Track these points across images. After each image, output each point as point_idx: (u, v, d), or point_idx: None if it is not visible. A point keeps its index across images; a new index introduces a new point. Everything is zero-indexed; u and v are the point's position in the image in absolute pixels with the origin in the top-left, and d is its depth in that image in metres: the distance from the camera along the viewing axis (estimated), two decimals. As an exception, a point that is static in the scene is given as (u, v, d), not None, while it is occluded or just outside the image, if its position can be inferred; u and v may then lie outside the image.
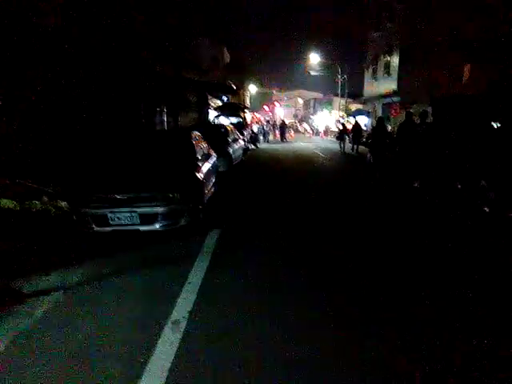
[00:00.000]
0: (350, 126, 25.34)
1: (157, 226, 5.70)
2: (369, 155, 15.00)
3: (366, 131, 25.89)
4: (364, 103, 32.99)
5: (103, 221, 5.65)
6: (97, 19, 10.09)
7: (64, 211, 6.79)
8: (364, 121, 26.68)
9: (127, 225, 5.66)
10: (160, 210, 5.69)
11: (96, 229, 5.72)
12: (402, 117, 16.59)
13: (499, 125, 8.52)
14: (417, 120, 11.66)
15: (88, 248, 5.67)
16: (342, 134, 23.76)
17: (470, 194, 8.06)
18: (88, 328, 3.53)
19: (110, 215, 5.60)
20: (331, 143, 28.04)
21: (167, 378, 2.80)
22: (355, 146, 21.52)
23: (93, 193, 5.84)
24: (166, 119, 16.64)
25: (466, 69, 21.73)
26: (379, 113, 27.08)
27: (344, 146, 22.83)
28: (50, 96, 8.62)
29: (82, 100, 9.24)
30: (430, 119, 11.40)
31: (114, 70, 10.67)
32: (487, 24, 17.29)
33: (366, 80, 33.50)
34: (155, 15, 14.60)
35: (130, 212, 5.61)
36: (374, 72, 30.55)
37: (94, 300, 4.09)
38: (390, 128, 20.18)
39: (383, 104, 27.47)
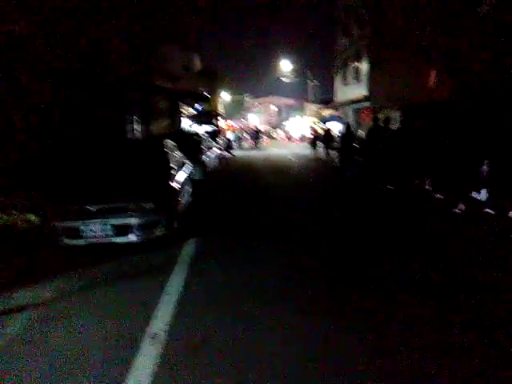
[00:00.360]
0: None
1: (131, 237, 5.57)
2: (337, 159, 15.66)
3: (338, 136, 26.27)
4: (336, 109, 33.49)
5: (75, 233, 5.48)
6: (63, 24, 9.88)
7: (33, 224, 6.55)
8: (338, 126, 27.05)
9: (100, 237, 5.50)
10: (134, 220, 5.56)
11: (67, 241, 5.54)
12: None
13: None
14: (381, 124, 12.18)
15: (60, 262, 5.48)
16: (314, 140, 24.19)
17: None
18: (62, 345, 3.39)
19: (82, 227, 5.45)
20: (305, 149, 28.31)
21: (147, 393, 2.71)
22: (326, 151, 21.90)
23: (63, 204, 5.67)
24: (136, 127, 16.39)
25: (432, 75, 22.39)
26: (350, 118, 27.53)
27: (316, 152, 23.45)
28: (16, 105, 8.35)
29: (49, 108, 8.98)
30: (394, 124, 12.17)
31: (81, 76, 10.44)
32: (451, 32, 17.87)
33: (336, 86, 34.06)
34: (126, 21, 14.42)
35: (103, 223, 5.46)
36: (345, 78, 31.09)
37: (68, 316, 3.94)
38: (360, 133, 20.52)
39: (354, 109, 27.95)
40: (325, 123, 28.52)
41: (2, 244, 5.79)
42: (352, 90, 28.75)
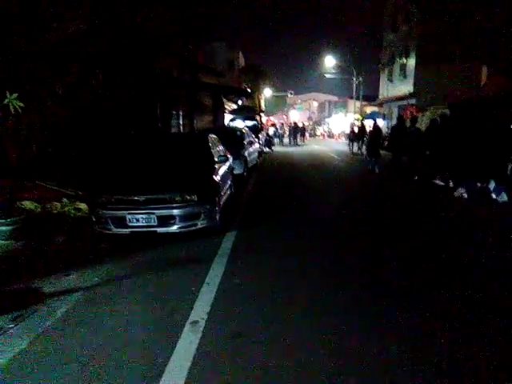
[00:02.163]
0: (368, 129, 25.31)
1: (174, 227, 5.75)
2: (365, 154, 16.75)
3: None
4: (380, 106, 32.75)
5: (122, 222, 5.72)
6: (116, 24, 10.25)
7: (83, 213, 6.89)
8: (380, 123, 26.48)
9: (145, 226, 5.72)
10: (177, 211, 5.74)
11: (114, 230, 5.80)
12: (419, 119, 16.49)
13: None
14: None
15: (107, 249, 5.74)
16: (353, 137, 24.47)
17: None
18: (107, 328, 3.57)
19: (128, 217, 5.68)
20: (345, 146, 27.95)
21: (186, 377, 2.82)
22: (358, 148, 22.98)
23: (112, 195, 5.92)
24: (182, 122, 16.79)
25: (483, 72, 21.44)
26: (395, 115, 26.84)
27: (352, 148, 24.27)
28: (70, 99, 8.77)
29: (101, 104, 9.37)
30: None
31: (131, 75, 10.81)
32: (505, 27, 17.06)
33: (381, 82, 33.28)
34: (173, 19, 14.76)
35: (148, 214, 5.67)
36: (390, 74, 30.34)
37: (114, 300, 4.14)
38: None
39: (399, 106, 27.23)
40: (364, 120, 28.04)
41: (54, 230, 6.12)
42: (397, 86, 28.03)
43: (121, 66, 10.24)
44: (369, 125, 23.22)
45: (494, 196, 8.76)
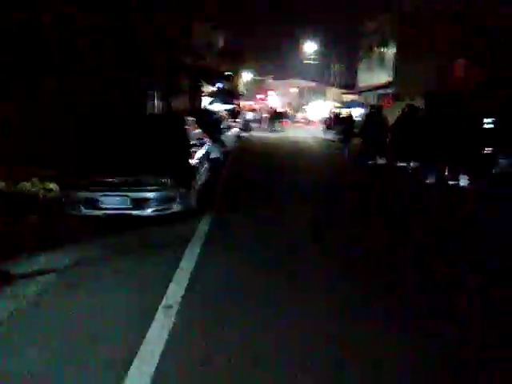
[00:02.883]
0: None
1: (149, 210, 5.66)
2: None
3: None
4: (358, 94, 32.94)
5: (94, 204, 5.59)
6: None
7: (54, 193, 6.69)
8: (359, 112, 26.66)
9: (119, 209, 5.61)
10: (152, 194, 5.66)
11: (86, 212, 5.65)
12: (395, 108, 16.74)
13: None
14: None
15: (79, 231, 5.61)
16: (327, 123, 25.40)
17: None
18: (79, 311, 3.50)
19: (101, 199, 5.55)
20: (323, 132, 28.17)
21: (158, 361, 2.79)
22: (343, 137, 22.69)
23: (84, 176, 5.76)
24: (158, 104, 16.43)
25: (460, 64, 21.79)
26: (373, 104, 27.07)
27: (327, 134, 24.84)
28: (43, 78, 8.43)
29: (73, 82, 9.05)
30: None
31: (105, 51, 10.47)
32: (483, 24, 17.35)
33: (360, 71, 33.42)
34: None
35: (122, 196, 5.57)
36: (369, 63, 30.47)
37: (85, 283, 4.07)
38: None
39: (377, 95, 27.44)
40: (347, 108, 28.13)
41: (24, 211, 5.93)
42: (376, 75, 28.20)
43: (96, 36, 9.89)
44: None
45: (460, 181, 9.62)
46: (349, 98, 35.65)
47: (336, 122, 23.65)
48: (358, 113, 25.85)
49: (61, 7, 8.58)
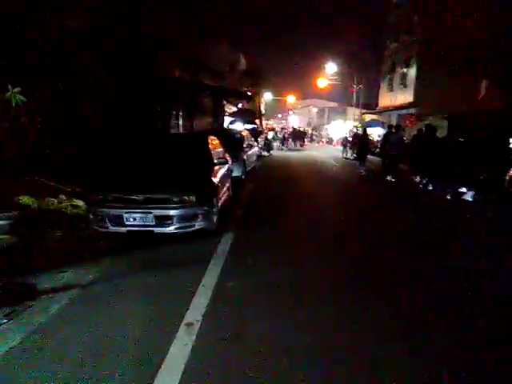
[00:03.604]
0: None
1: (171, 228, 5.73)
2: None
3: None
4: (379, 114, 32.87)
5: (119, 221, 5.70)
6: (116, 22, 10.24)
7: (80, 210, 6.85)
8: (379, 132, 26.59)
9: (142, 226, 5.70)
10: (175, 212, 5.72)
11: (111, 228, 5.77)
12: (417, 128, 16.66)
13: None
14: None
15: (104, 247, 5.71)
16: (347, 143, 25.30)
17: None
18: (102, 326, 3.55)
19: (125, 215, 5.65)
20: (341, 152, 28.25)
21: (180, 378, 2.80)
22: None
23: (110, 192, 5.90)
24: (181, 123, 16.76)
25: (483, 85, 21.57)
26: (394, 124, 26.97)
27: (347, 153, 24.69)
28: (70, 96, 8.74)
29: (101, 102, 9.35)
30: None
31: (133, 74, 10.80)
32: (505, 44, 17.21)
33: (381, 91, 33.43)
34: (175, 19, 14.77)
35: (146, 213, 5.65)
36: (391, 83, 30.48)
37: (109, 299, 4.12)
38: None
39: (398, 115, 27.33)
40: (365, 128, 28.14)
41: (51, 227, 6.09)
42: (397, 95, 28.16)
43: (122, 63, 10.23)
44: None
45: (465, 196, 10.31)
46: (370, 117, 35.58)
47: (352, 141, 23.73)
48: (378, 132, 25.78)
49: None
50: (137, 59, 10.91)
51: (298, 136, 34.26)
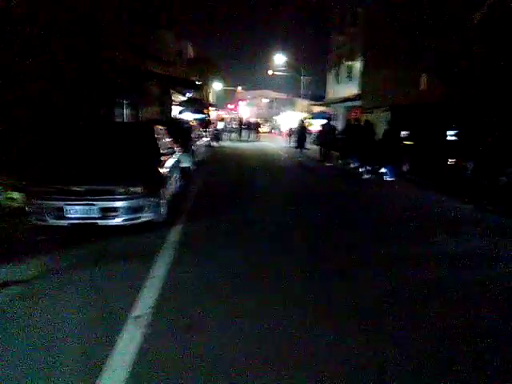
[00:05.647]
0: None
1: (117, 220, 5.53)
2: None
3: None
4: (327, 106, 33.57)
5: (59, 213, 5.41)
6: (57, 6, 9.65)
7: (18, 202, 6.45)
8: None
9: (85, 218, 5.45)
10: (120, 203, 5.53)
11: (51, 222, 5.46)
12: (362, 121, 17.31)
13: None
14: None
15: (44, 241, 5.42)
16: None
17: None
18: (43, 324, 3.37)
19: (66, 208, 5.38)
20: (287, 142, 28.97)
21: (129, 373, 2.72)
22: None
23: (50, 184, 5.58)
24: (126, 112, 16.18)
25: (423, 79, 22.59)
26: (341, 116, 27.71)
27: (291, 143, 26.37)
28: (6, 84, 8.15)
29: (38, 88, 8.79)
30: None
31: (73, 59, 10.25)
32: (445, 39, 18.08)
33: (328, 83, 34.11)
34: (120, 5, 14.20)
35: (89, 205, 5.41)
36: (337, 75, 31.16)
37: (52, 294, 3.92)
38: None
39: (345, 107, 28.06)
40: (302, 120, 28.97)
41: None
42: (344, 88, 28.84)
43: (60, 49, 9.66)
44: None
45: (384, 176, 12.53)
46: (318, 109, 36.28)
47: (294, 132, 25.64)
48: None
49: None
50: (76, 43, 10.35)
51: (247, 127, 34.28)
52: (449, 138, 11.57)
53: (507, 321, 3.63)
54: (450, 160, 10.85)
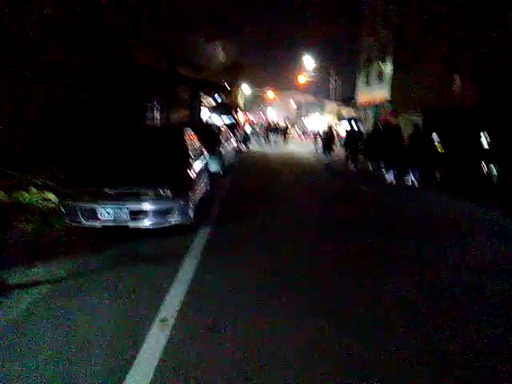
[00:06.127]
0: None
1: (146, 222, 5.66)
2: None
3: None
4: (356, 109, 33.17)
5: (92, 215, 5.59)
6: (90, 10, 9.96)
7: (53, 204, 6.69)
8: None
9: (116, 220, 5.60)
10: (150, 206, 5.65)
11: (84, 223, 5.65)
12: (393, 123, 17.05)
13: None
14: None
15: (76, 242, 5.60)
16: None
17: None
18: (74, 322, 3.49)
19: (99, 209, 5.55)
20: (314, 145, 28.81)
21: (154, 374, 2.79)
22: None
23: (83, 186, 5.77)
24: (157, 115, 16.52)
25: (457, 80, 22.00)
26: (370, 119, 27.31)
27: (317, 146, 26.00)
28: (44, 89, 8.49)
29: (74, 93, 9.11)
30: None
31: (107, 64, 10.56)
32: (479, 39, 17.54)
33: (358, 85, 33.71)
34: (151, 10, 14.52)
35: (120, 207, 5.56)
36: (367, 78, 30.75)
37: (81, 294, 4.05)
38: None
39: (375, 110, 27.65)
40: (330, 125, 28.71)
41: (21, 220, 5.93)
42: (374, 90, 28.43)
43: (96, 55, 9.97)
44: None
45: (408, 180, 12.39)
46: (347, 112, 35.92)
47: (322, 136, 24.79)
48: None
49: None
50: (110, 48, 10.66)
51: (276, 130, 34.19)
52: (483, 143, 11.14)
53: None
54: (482, 166, 10.48)
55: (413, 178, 12.15)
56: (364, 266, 5.07)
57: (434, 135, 12.63)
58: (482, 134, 11.22)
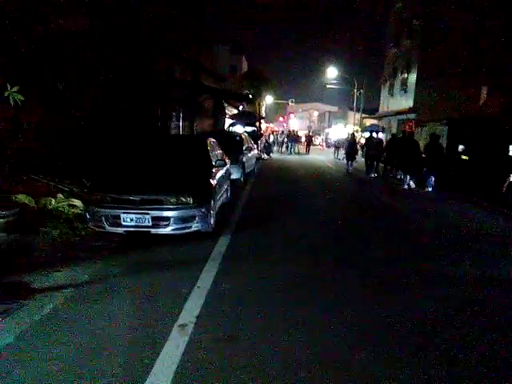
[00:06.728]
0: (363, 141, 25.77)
1: (168, 229, 5.74)
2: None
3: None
4: (379, 119, 32.90)
5: (116, 221, 5.70)
6: (118, 25, 10.26)
7: (78, 209, 6.84)
8: (379, 136, 26.69)
9: (139, 226, 5.70)
10: (171, 213, 5.73)
11: (108, 228, 5.77)
12: (417, 134, 16.88)
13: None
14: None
15: (100, 247, 5.71)
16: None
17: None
18: (95, 326, 3.54)
19: (122, 216, 5.66)
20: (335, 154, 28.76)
21: (172, 379, 2.80)
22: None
23: (107, 193, 5.90)
24: (181, 124, 16.79)
25: (483, 91, 21.62)
26: (394, 129, 27.02)
27: (338, 155, 27.46)
28: (70, 96, 8.75)
29: (100, 102, 9.36)
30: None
31: (132, 74, 10.82)
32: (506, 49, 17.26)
33: (382, 95, 33.47)
34: (176, 22, 14.83)
35: (143, 214, 5.65)
36: (391, 88, 30.50)
37: (103, 298, 4.12)
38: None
39: (399, 120, 27.37)
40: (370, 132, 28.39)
41: (48, 226, 6.08)
42: (398, 101, 28.18)
43: (121, 65, 10.23)
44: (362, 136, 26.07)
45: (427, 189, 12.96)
46: (370, 122, 35.63)
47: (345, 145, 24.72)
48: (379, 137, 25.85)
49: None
50: (135, 59, 10.92)
51: (298, 139, 34.13)
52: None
53: None
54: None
55: (430, 187, 12.78)
56: (394, 280, 4.98)
57: (461, 147, 13.08)
58: (510, 145, 10.97)
